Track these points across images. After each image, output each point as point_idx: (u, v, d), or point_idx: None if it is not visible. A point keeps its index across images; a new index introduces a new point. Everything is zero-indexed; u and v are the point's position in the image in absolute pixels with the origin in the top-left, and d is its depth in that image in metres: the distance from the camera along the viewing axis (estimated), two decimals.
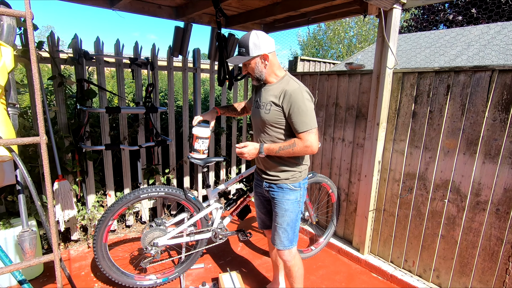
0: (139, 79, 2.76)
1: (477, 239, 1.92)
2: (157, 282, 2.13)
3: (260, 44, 1.49)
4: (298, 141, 1.51)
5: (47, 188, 0.73)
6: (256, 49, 1.49)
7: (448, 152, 2.00)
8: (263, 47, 1.50)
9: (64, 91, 2.40)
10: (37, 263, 0.77)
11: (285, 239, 1.69)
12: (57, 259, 0.75)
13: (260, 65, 1.54)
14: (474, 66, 1.84)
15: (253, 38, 1.49)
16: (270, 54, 1.54)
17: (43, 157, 0.70)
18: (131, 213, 2.98)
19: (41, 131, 0.72)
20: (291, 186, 1.64)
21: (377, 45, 2.25)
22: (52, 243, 0.76)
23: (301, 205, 1.72)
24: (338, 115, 2.67)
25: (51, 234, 0.75)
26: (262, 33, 1.53)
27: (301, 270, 1.80)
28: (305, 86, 1.55)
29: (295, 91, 1.49)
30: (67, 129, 2.44)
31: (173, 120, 3.03)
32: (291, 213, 1.67)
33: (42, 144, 0.71)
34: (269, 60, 1.54)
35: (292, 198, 1.65)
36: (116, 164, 2.93)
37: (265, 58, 1.53)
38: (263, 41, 1.50)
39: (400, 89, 2.21)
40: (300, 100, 1.47)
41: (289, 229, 1.69)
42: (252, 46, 1.49)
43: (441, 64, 5.69)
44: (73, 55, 2.38)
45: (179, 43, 2.84)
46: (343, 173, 2.70)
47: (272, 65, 1.57)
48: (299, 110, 1.47)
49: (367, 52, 7.91)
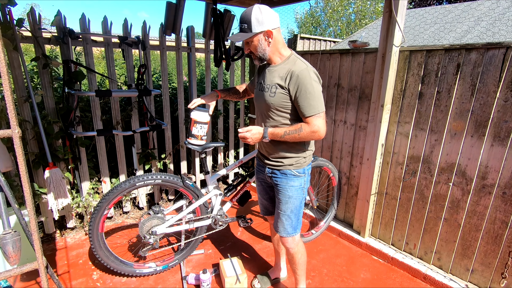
0: (130, 59, 2.60)
1: (481, 222, 1.90)
2: (157, 270, 2.10)
3: (263, 20, 1.37)
4: (305, 126, 1.42)
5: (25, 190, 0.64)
6: (259, 25, 1.38)
7: (455, 135, 1.93)
8: (266, 22, 1.38)
9: (50, 73, 2.25)
10: (19, 273, 0.70)
11: (289, 226, 1.65)
12: (42, 267, 0.68)
13: (264, 42, 1.43)
14: (487, 43, 1.73)
15: (256, 12, 1.37)
16: (275, 31, 1.42)
17: (17, 154, 0.60)
18: (128, 200, 2.92)
19: (13, 123, 0.61)
20: (295, 172, 1.57)
21: (383, 20, 2.11)
22: (35, 250, 0.68)
23: (305, 192, 1.65)
24: (340, 97, 2.57)
25: (33, 241, 0.67)
26: (266, 7, 1.40)
27: (304, 257, 1.77)
28: (312, 67, 1.45)
29: (303, 72, 1.38)
30: (56, 114, 2.31)
31: (167, 103, 2.91)
32: (295, 200, 1.61)
33: (15, 138, 0.61)
34: (273, 37, 1.42)
35: (296, 185, 1.59)
36: (110, 150, 2.83)
37: (269, 35, 1.41)
38: (266, 16, 1.38)
39: (406, 68, 2.10)
40: (308, 82, 1.37)
41: (293, 216, 1.64)
42: (255, 21, 1.37)
43: (450, 41, 5.49)
44: (57, 34, 2.21)
45: (171, 20, 2.65)
46: (345, 156, 2.64)
47: (277, 42, 1.45)
48: (307, 92, 1.37)
49: (371, 29, 7.60)
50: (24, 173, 0.64)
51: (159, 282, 2.08)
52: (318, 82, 1.43)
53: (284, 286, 2.07)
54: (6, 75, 0.59)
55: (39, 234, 0.71)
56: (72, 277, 2.10)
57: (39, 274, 0.68)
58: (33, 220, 0.64)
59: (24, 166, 0.62)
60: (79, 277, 2.11)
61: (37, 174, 2.31)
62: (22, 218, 0.80)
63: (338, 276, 2.18)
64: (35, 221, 0.65)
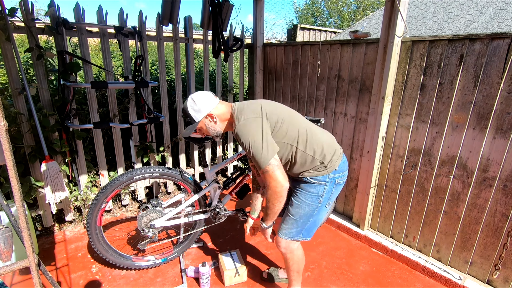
0: (127, 50, 2.55)
1: (481, 215, 1.89)
2: (156, 263, 2.10)
3: (200, 108, 1.47)
4: (266, 189, 1.39)
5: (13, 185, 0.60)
6: (199, 113, 1.48)
7: (457, 127, 1.91)
8: (203, 108, 1.48)
9: (45, 64, 2.20)
10: (9, 271, 0.67)
11: (290, 230, 1.57)
12: (33, 265, 0.66)
13: (210, 124, 1.51)
14: (492, 33, 1.69)
15: (191, 105, 1.48)
16: (214, 109, 1.49)
17: (4, 147, 0.57)
18: (127, 193, 2.91)
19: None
20: (311, 180, 1.49)
21: (385, 10, 2.06)
22: (26, 247, 0.66)
23: (322, 202, 1.53)
24: (340, 88, 2.53)
25: (23, 238, 0.65)
26: (198, 96, 1.49)
27: (298, 265, 1.69)
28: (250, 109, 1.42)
29: (239, 130, 1.37)
30: (52, 107, 2.27)
31: (165, 96, 2.86)
32: (307, 207, 1.52)
33: (1, 131, 0.58)
34: (216, 115, 1.50)
35: (312, 191, 1.50)
36: (107, 143, 2.80)
37: (211, 117, 1.50)
38: (201, 103, 1.47)
39: (408, 59, 2.06)
40: (244, 137, 1.34)
41: (300, 222, 1.55)
42: (194, 112, 1.48)
43: (453, 32, 5.39)
44: (51, 24, 2.15)
45: (168, 9, 2.59)
46: (344, 149, 2.61)
47: (222, 116, 1.51)
48: (247, 148, 1.35)
49: (373, 19, 7.47)
50: (12, 167, 0.61)
51: (158, 275, 2.08)
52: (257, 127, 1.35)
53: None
54: None
55: (29, 230, 0.69)
56: (71, 270, 2.10)
57: (31, 272, 0.66)
58: (22, 216, 0.62)
59: (11, 161, 0.60)
60: (78, 270, 2.11)
61: (33, 167, 2.29)
62: (11, 214, 0.78)
63: (337, 269, 2.19)
64: (25, 217, 0.63)
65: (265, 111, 1.40)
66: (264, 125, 1.33)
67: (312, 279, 2.08)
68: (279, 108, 1.51)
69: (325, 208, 1.58)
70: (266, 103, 1.49)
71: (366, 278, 2.11)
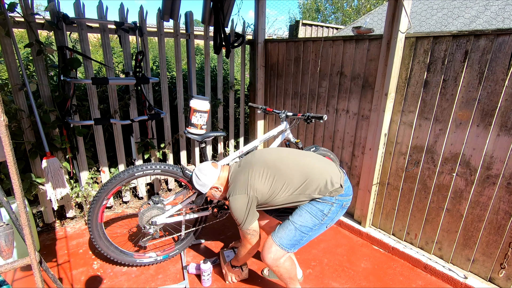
0: (127, 46, 2.52)
1: (484, 213, 1.88)
2: (157, 260, 2.10)
3: (204, 182, 1.64)
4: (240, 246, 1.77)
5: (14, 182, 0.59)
6: (204, 187, 1.65)
7: (460, 124, 1.89)
8: (208, 182, 1.64)
9: (45, 60, 2.19)
10: (10, 269, 0.67)
11: (287, 237, 1.54)
12: (35, 263, 0.65)
13: (216, 193, 1.70)
14: (497, 29, 1.66)
15: (196, 181, 1.66)
16: (217, 181, 1.66)
17: (4, 143, 0.56)
18: (128, 190, 2.90)
19: None
20: (319, 200, 1.55)
21: (389, 5, 2.04)
22: (27, 245, 0.65)
23: (325, 221, 1.56)
24: (342, 85, 2.51)
25: (25, 235, 0.64)
26: (200, 172, 1.65)
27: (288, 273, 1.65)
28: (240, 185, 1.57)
29: (230, 202, 1.58)
30: (52, 103, 2.26)
31: (166, 92, 2.84)
32: (309, 218, 1.54)
33: (1, 127, 0.57)
34: (219, 185, 1.67)
35: (319, 207, 1.55)
36: (108, 139, 2.78)
37: (216, 188, 1.68)
38: (204, 179, 1.64)
39: (412, 56, 2.04)
40: (233, 209, 1.57)
41: (299, 233, 1.54)
42: (200, 187, 1.66)
43: (458, 28, 5.32)
44: (51, 19, 2.13)
45: (169, 5, 2.56)
46: (346, 146, 2.60)
47: (225, 183, 1.68)
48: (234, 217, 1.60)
49: (376, 14, 7.39)
50: (12, 164, 0.60)
51: (159, 272, 2.08)
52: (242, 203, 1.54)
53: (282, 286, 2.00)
54: None
55: (31, 228, 0.68)
56: (73, 267, 2.10)
57: (32, 270, 0.66)
58: (23, 213, 0.61)
59: (11, 157, 0.59)
60: (80, 266, 2.11)
61: (34, 163, 2.28)
62: (12, 212, 0.77)
63: (338, 266, 2.19)
64: (26, 214, 0.62)
65: (252, 187, 1.54)
66: (249, 201, 1.54)
67: (313, 276, 2.08)
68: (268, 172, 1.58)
69: (324, 228, 1.62)
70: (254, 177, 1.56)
71: (368, 275, 2.10)
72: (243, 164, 1.64)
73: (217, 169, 1.67)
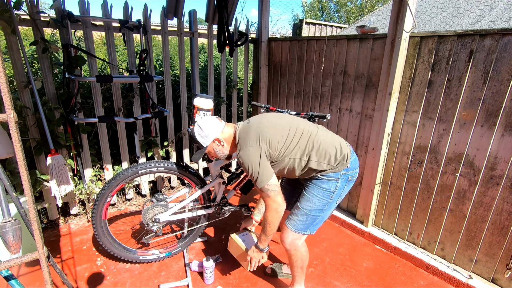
0: (131, 44, 2.53)
1: (488, 213, 1.88)
2: (160, 257, 2.11)
3: (206, 134, 1.56)
4: (266, 211, 1.51)
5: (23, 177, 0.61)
6: (206, 139, 1.57)
7: (465, 124, 1.89)
8: (210, 134, 1.57)
9: (50, 58, 2.20)
10: (20, 263, 0.68)
11: (300, 223, 1.58)
12: (43, 258, 0.66)
13: (218, 147, 1.61)
14: (503, 28, 1.65)
15: (198, 131, 1.58)
16: (221, 134, 1.59)
17: (14, 139, 0.57)
18: (131, 187, 2.92)
19: (7, 106, 0.58)
20: (324, 178, 1.53)
21: (393, 4, 2.03)
22: (36, 240, 0.66)
23: (333, 198, 1.57)
24: (346, 84, 2.51)
25: (33, 230, 0.65)
26: (203, 122, 1.58)
27: (302, 262, 1.70)
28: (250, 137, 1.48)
29: (240, 157, 1.48)
30: (57, 100, 2.27)
31: (170, 90, 2.85)
32: (317, 201, 1.54)
33: (11, 123, 0.58)
34: (222, 139, 1.59)
35: (325, 187, 1.53)
36: (112, 137, 2.80)
37: (218, 141, 1.59)
38: (207, 129, 1.57)
39: (416, 55, 2.04)
40: (246, 164, 1.46)
41: (310, 217, 1.56)
42: (201, 139, 1.58)
43: (463, 27, 5.27)
44: (56, 16, 2.14)
45: (173, 3, 2.56)
46: None
47: (228, 139, 1.61)
48: (248, 173, 1.47)
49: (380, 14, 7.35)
50: (22, 159, 0.61)
51: (162, 269, 2.09)
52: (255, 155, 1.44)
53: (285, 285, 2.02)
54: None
55: (39, 223, 0.69)
56: (76, 263, 2.12)
57: (40, 264, 0.67)
58: (32, 208, 0.62)
59: (21, 153, 0.60)
60: (83, 263, 2.13)
61: (39, 160, 2.30)
62: (21, 207, 0.78)
63: (340, 265, 2.19)
64: (35, 209, 0.63)
65: (264, 139, 1.46)
66: (262, 154, 1.45)
67: (315, 275, 2.09)
68: (279, 127, 1.52)
69: (335, 204, 1.62)
70: (267, 127, 1.51)
71: (370, 274, 2.11)
72: (253, 121, 1.57)
73: (221, 122, 1.61)
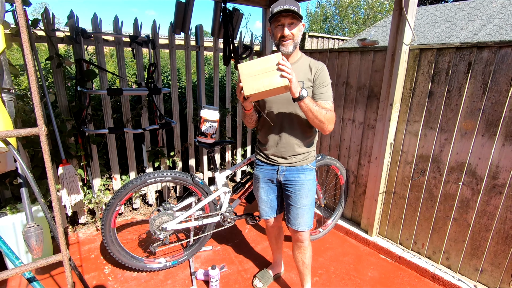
0: (140, 58, 2.64)
1: (491, 222, 1.88)
2: (167, 265, 2.14)
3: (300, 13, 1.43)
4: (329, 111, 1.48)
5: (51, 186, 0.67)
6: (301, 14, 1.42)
7: (465, 134, 1.92)
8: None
9: (63, 72, 2.30)
10: (45, 264, 0.73)
11: (310, 220, 1.70)
12: (66, 260, 0.71)
13: (299, 33, 1.48)
14: (500, 41, 1.71)
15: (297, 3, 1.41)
16: None
17: (44, 151, 0.63)
18: (138, 196, 2.97)
19: (40, 121, 0.65)
20: (310, 166, 1.67)
21: (393, 18, 2.10)
22: (60, 243, 0.71)
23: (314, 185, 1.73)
24: (348, 95, 2.56)
25: (58, 234, 0.70)
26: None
27: (311, 256, 1.83)
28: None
29: (324, 67, 1.53)
30: (68, 112, 2.37)
31: (176, 102, 2.94)
32: (310, 193, 1.68)
33: (42, 136, 0.64)
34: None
35: (312, 178, 1.68)
36: (120, 147, 2.88)
37: (302, 27, 1.49)
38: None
39: (416, 67, 2.09)
40: (327, 75, 1.53)
41: (312, 209, 1.72)
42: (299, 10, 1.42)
43: (461, 40, 5.39)
44: (70, 33, 2.26)
45: (181, 19, 2.68)
46: (353, 155, 2.64)
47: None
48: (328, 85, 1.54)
49: (381, 27, 7.50)
50: (50, 169, 0.67)
51: (168, 277, 2.12)
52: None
53: (285, 283, 2.07)
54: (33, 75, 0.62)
55: (63, 228, 0.75)
56: (85, 271, 2.16)
57: (64, 265, 0.72)
58: (58, 214, 0.67)
59: (50, 163, 0.65)
60: (91, 271, 2.16)
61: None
62: (48, 212, 0.84)
63: (345, 274, 2.19)
64: (60, 215, 0.68)
65: None
66: None
67: (320, 284, 2.09)
68: None
69: None
70: None
71: (375, 284, 2.11)
72: None
73: None
